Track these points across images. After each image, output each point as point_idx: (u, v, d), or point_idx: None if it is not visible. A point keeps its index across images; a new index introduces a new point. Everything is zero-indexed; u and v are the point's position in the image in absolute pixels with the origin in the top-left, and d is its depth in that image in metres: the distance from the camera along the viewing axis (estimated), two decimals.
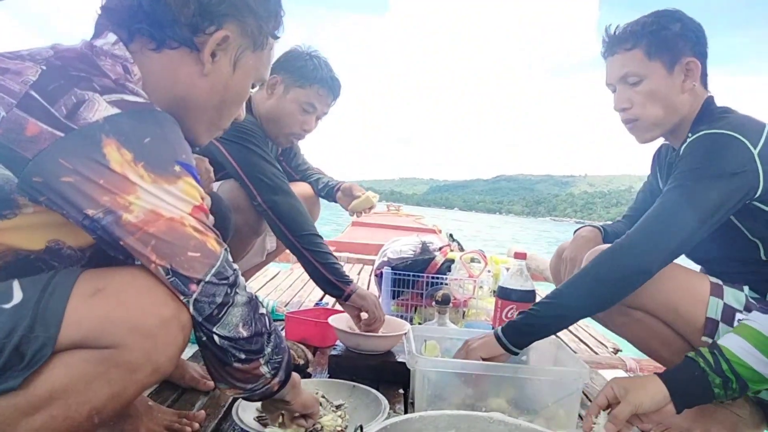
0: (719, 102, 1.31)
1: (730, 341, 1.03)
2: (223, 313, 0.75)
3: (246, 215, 1.68)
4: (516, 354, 1.24)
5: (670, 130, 1.33)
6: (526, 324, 1.21)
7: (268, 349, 0.81)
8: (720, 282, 1.24)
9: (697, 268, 1.39)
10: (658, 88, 1.27)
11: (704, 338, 1.22)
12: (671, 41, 1.26)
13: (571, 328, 2.46)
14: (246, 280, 2.42)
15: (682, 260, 1.26)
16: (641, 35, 1.27)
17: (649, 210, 1.20)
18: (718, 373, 1.01)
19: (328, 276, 1.64)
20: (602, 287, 1.18)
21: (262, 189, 1.64)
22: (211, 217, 0.78)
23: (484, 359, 1.24)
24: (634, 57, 1.28)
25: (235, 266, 0.78)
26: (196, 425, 1.14)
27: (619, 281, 1.17)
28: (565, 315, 1.21)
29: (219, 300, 0.74)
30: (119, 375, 0.71)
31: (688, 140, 1.22)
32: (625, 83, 1.31)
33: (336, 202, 2.22)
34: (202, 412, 1.19)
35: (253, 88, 0.95)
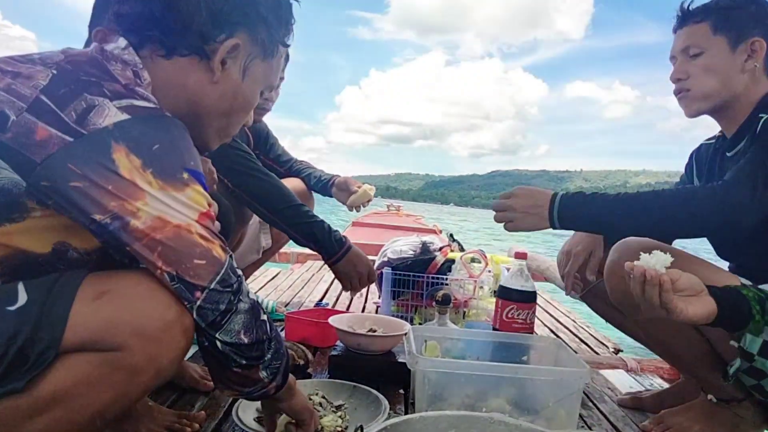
0: None
1: None
2: (225, 320, 0.75)
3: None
4: (555, 228, 1.22)
5: (719, 106, 1.30)
6: (585, 211, 1.19)
7: (268, 356, 0.81)
8: (750, 284, 1.22)
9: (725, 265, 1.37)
10: (717, 62, 1.27)
11: (731, 342, 1.20)
12: (740, 20, 1.25)
13: (571, 327, 2.46)
14: (244, 279, 2.40)
15: (712, 258, 1.24)
16: (711, 10, 1.27)
17: (740, 166, 1.16)
18: (758, 301, 1.00)
19: (313, 247, 1.66)
20: (680, 216, 1.15)
21: (232, 175, 1.64)
22: (217, 223, 0.78)
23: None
24: (699, 30, 1.28)
25: (239, 272, 0.78)
26: (197, 426, 1.14)
27: (702, 219, 1.14)
28: (624, 221, 1.17)
29: (222, 307, 0.74)
30: (122, 378, 0.71)
31: (765, 118, 1.20)
32: (685, 55, 1.31)
33: (331, 196, 2.22)
34: (203, 412, 1.19)
35: (261, 95, 0.95)
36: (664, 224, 1.18)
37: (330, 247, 1.65)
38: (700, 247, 1.52)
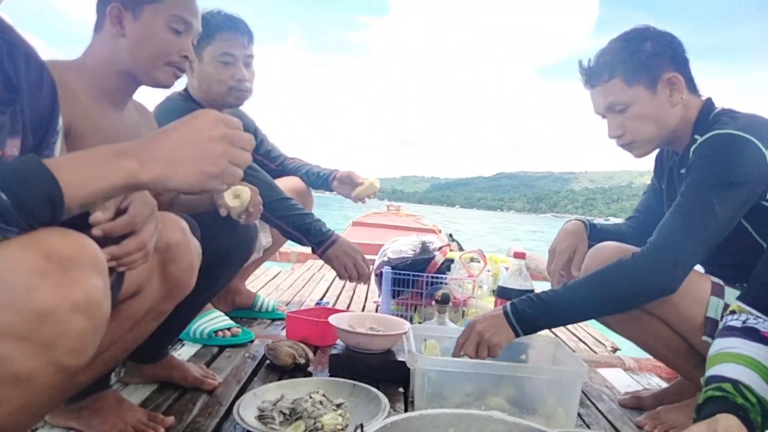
0: (725, 104, 1.31)
1: (748, 377, 0.86)
2: None
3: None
4: (521, 336, 1.25)
5: (665, 142, 1.34)
6: (537, 313, 1.22)
7: None
8: (721, 282, 1.24)
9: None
10: (645, 110, 1.28)
11: (704, 338, 1.21)
12: (646, 62, 1.26)
13: (570, 326, 2.46)
14: (245, 278, 2.39)
15: None
16: (615, 64, 1.28)
17: (666, 222, 1.20)
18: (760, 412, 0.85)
19: (302, 239, 1.70)
20: (618, 299, 1.20)
21: None
22: None
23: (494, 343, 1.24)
24: (614, 87, 1.29)
25: None
26: (162, 429, 1.13)
27: (638, 296, 1.20)
28: (574, 312, 1.23)
29: None
30: (9, 391, 0.61)
31: (698, 142, 1.22)
32: (612, 111, 1.31)
33: (331, 190, 2.21)
34: (171, 417, 1.17)
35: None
36: (607, 307, 1.24)
37: (317, 238, 1.68)
38: None
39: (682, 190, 1.21)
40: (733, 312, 0.98)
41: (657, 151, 1.54)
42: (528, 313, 1.22)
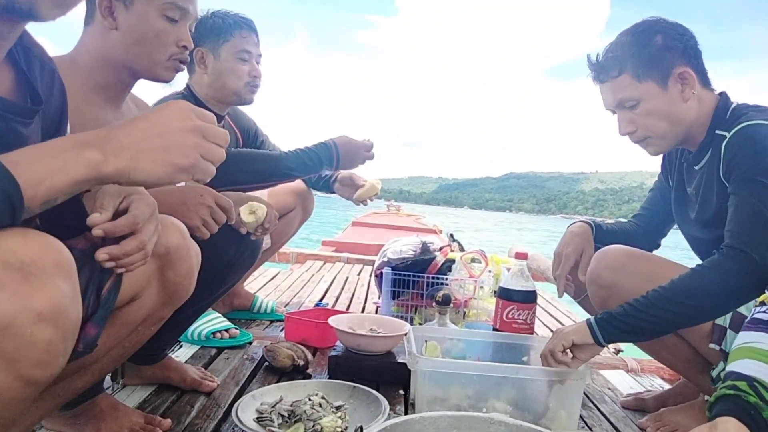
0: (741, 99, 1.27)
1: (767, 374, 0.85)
2: None
3: None
4: (603, 347, 1.19)
5: (681, 138, 1.29)
6: (625, 323, 1.14)
7: None
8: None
9: None
10: (657, 106, 1.23)
11: (711, 345, 1.19)
12: (656, 57, 1.21)
13: None
14: (244, 280, 2.39)
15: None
16: (624, 59, 1.23)
17: (732, 219, 1.12)
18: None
19: (313, 179, 1.87)
20: (713, 306, 1.11)
21: (214, 182, 1.66)
22: None
23: (576, 344, 1.19)
24: (623, 83, 1.24)
25: None
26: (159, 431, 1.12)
27: (734, 295, 1.09)
28: (666, 320, 1.12)
29: None
30: None
31: (729, 135, 1.16)
32: (623, 108, 1.27)
33: (333, 192, 2.20)
34: (168, 420, 1.15)
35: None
36: (699, 314, 1.13)
37: (322, 166, 1.74)
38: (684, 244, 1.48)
39: (732, 188, 1.15)
40: (762, 303, 0.94)
41: None
42: (611, 328, 1.15)
